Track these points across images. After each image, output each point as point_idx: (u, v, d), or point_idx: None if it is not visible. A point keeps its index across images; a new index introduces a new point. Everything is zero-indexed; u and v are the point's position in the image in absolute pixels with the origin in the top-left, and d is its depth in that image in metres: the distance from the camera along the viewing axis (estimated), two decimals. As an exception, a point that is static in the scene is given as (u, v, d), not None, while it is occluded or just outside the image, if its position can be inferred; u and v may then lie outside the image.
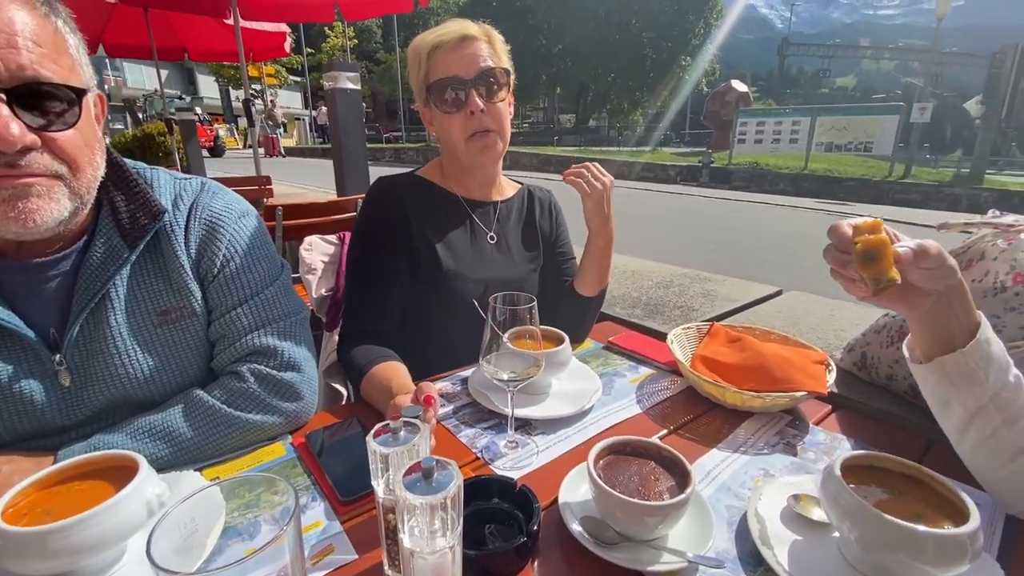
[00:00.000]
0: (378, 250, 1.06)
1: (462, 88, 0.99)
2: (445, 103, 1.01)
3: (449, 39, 0.99)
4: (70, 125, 0.63)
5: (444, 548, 0.46)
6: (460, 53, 0.99)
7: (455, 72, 0.99)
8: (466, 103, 1.00)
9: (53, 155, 0.62)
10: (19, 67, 0.58)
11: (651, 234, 6.43)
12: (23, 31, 0.58)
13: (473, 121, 1.01)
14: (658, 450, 0.66)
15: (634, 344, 1.17)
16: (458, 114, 1.01)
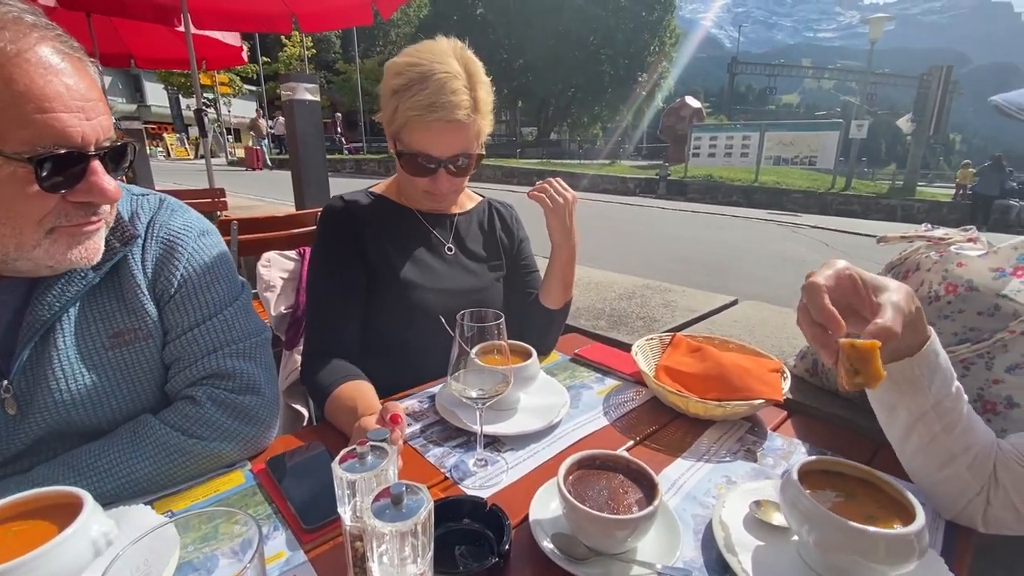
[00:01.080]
0: (336, 266, 1.04)
1: (431, 164, 0.99)
2: (412, 167, 1.01)
3: (433, 115, 0.93)
4: (124, 173, 0.70)
5: (418, 573, 0.45)
6: (440, 136, 0.96)
7: (427, 150, 0.97)
8: (433, 176, 1.00)
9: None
10: (105, 129, 0.65)
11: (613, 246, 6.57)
12: (97, 93, 0.64)
13: (433, 187, 1.02)
14: (626, 463, 0.67)
15: (600, 356, 1.18)
16: (423, 179, 1.02)
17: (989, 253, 0.78)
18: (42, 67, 0.58)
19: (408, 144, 0.98)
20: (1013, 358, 0.74)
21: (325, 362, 0.98)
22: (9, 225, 0.61)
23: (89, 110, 0.62)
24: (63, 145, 0.60)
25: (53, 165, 0.60)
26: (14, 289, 0.68)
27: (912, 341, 0.64)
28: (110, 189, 0.65)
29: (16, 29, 0.58)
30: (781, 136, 15.34)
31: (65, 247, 0.65)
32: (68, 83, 0.60)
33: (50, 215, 0.62)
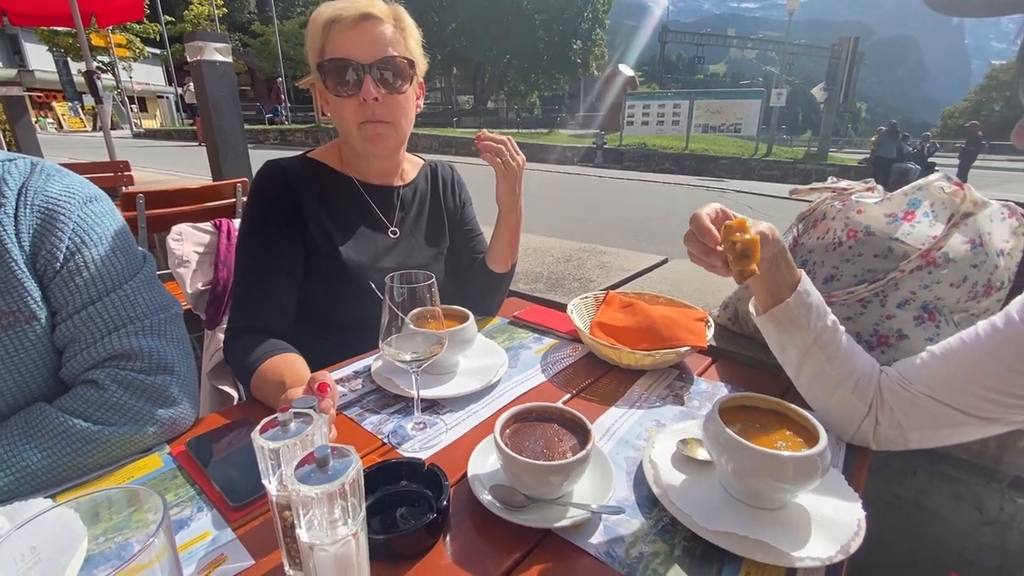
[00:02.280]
0: (268, 239, 0.97)
1: (358, 72, 0.92)
2: (338, 85, 0.93)
3: (350, 15, 0.90)
4: None
5: (346, 536, 0.44)
6: (360, 33, 0.91)
7: (351, 54, 0.91)
8: (360, 89, 0.93)
9: None
10: None
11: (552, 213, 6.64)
12: None
13: (366, 109, 0.95)
14: (560, 413, 0.69)
15: (537, 317, 1.20)
16: (351, 99, 0.94)
17: (884, 200, 0.85)
18: None
19: (330, 56, 0.92)
20: (903, 295, 0.82)
21: (251, 339, 0.92)
22: None
23: None
24: None
25: None
26: None
27: (788, 277, 0.72)
28: None
29: None
30: (709, 104, 15.92)
31: None
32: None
33: None
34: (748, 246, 0.64)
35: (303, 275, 1.01)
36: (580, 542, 0.58)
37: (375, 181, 1.10)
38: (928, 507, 0.97)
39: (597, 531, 0.60)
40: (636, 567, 0.55)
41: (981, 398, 0.64)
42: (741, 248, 0.64)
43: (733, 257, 0.64)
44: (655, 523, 0.61)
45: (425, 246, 1.15)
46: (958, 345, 0.67)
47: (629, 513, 0.62)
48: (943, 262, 0.79)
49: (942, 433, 0.69)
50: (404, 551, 0.56)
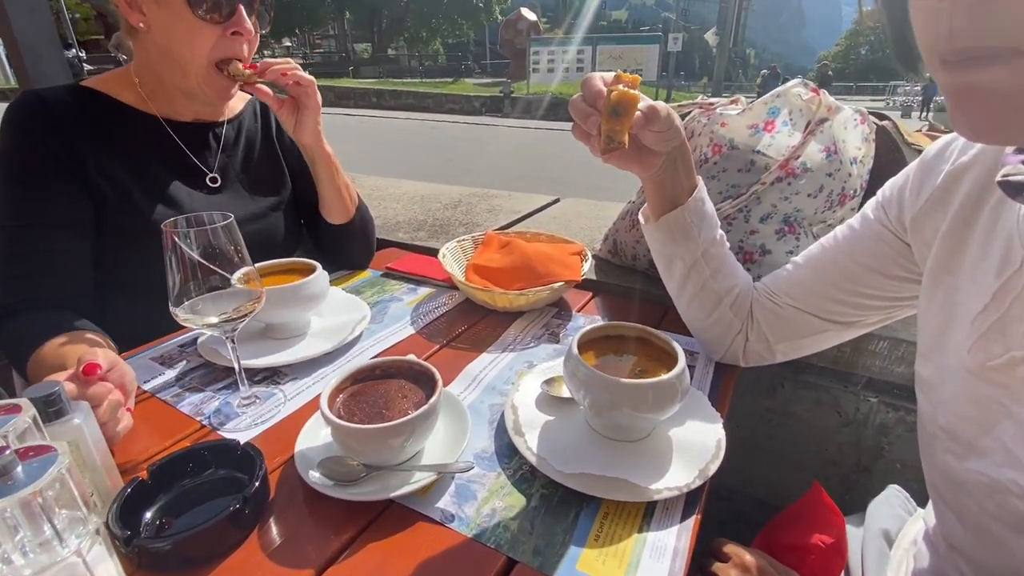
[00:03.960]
0: (34, 190, 0.76)
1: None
2: (201, 5, 0.74)
3: None
4: None
5: (66, 558, 0.33)
6: None
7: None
8: (230, 18, 0.76)
9: None
10: None
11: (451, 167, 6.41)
12: None
13: (229, 45, 0.78)
14: (409, 366, 0.59)
15: (413, 266, 1.09)
16: (213, 27, 0.76)
17: (745, 111, 0.82)
18: None
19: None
20: (765, 209, 0.80)
21: (28, 317, 0.73)
22: None
23: None
24: None
25: None
26: None
27: (685, 181, 0.65)
28: None
29: None
30: (611, 50, 15.98)
31: None
32: None
33: None
34: (622, 99, 0.53)
35: (94, 232, 0.81)
36: (424, 508, 0.50)
37: (187, 117, 0.90)
38: (794, 414, 1.02)
39: (447, 493, 0.52)
40: (486, 527, 0.48)
41: (840, 302, 0.63)
42: (615, 99, 0.53)
43: (604, 113, 0.54)
44: (512, 474, 0.55)
45: (255, 195, 0.98)
46: (818, 252, 0.66)
47: (485, 466, 0.56)
48: (801, 172, 0.78)
49: (806, 343, 0.69)
50: (201, 553, 0.45)
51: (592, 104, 0.56)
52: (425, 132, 8.09)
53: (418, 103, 14.44)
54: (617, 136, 0.54)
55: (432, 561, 0.46)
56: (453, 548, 0.47)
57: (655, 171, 0.64)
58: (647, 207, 0.71)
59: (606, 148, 0.56)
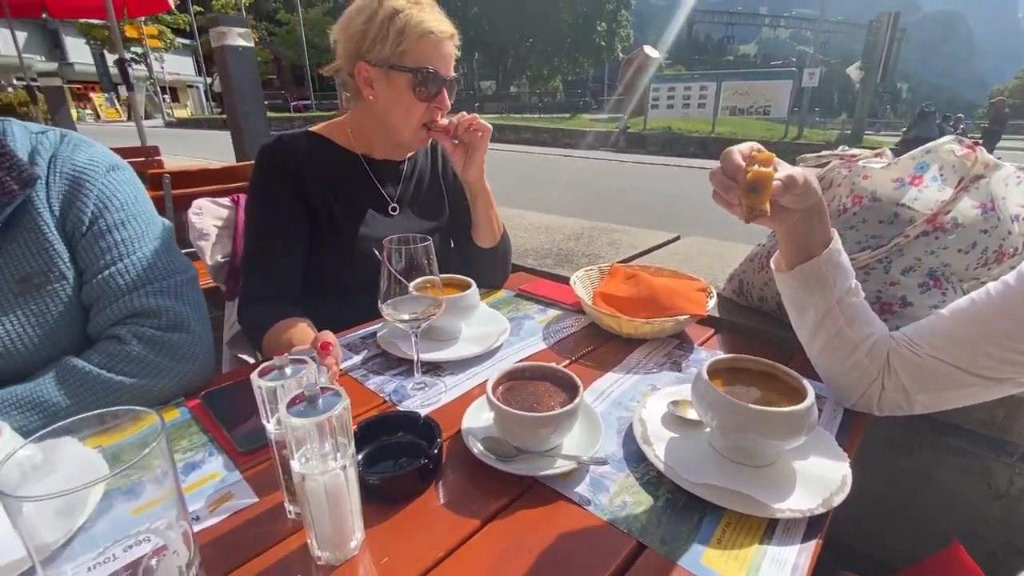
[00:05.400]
0: (274, 210, 1.01)
1: (442, 85, 1.00)
2: (421, 89, 0.99)
3: (443, 32, 0.98)
4: None
5: (335, 469, 0.47)
6: (446, 50, 1.00)
7: (438, 67, 0.98)
8: (436, 98, 1.01)
9: None
10: None
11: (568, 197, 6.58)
12: None
13: (434, 114, 1.03)
14: (552, 371, 0.70)
15: (542, 290, 1.21)
16: (426, 104, 1.01)
17: (891, 165, 0.83)
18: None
19: (417, 61, 0.97)
20: (908, 261, 0.80)
21: (262, 306, 0.97)
22: None
23: None
24: None
25: None
26: None
27: (820, 234, 0.69)
28: None
29: None
30: (737, 86, 15.44)
31: None
32: None
33: None
34: (758, 179, 0.59)
35: (308, 245, 1.05)
36: (565, 490, 0.60)
37: (380, 155, 1.13)
38: (935, 479, 0.95)
39: (583, 482, 0.62)
40: (618, 515, 0.57)
41: (990, 357, 0.63)
42: (751, 179, 0.59)
43: (742, 190, 0.60)
44: (640, 476, 0.63)
45: (422, 220, 1.18)
46: (967, 305, 0.66)
47: (616, 467, 0.64)
48: (951, 227, 0.78)
49: (948, 396, 0.69)
50: (397, 494, 0.59)
51: (732, 177, 0.62)
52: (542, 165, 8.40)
53: (535, 137, 15.14)
54: (758, 207, 0.61)
55: (572, 534, 0.55)
56: (589, 527, 0.56)
57: (789, 225, 0.69)
58: (779, 255, 0.75)
59: (749, 217, 0.62)
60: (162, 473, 0.38)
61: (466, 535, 0.54)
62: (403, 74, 0.97)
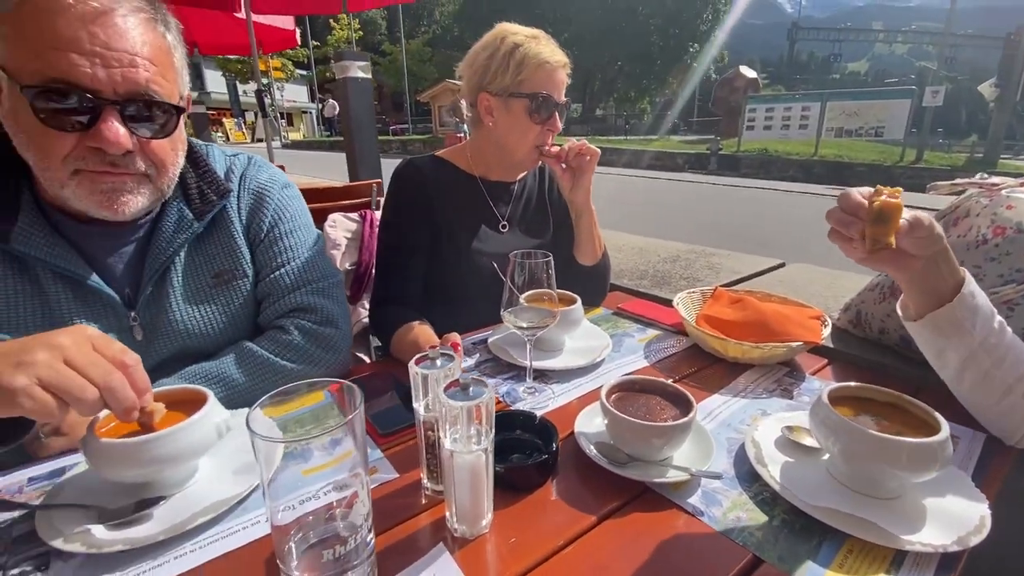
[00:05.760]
0: (404, 225, 1.14)
1: (554, 108, 1.11)
2: (535, 113, 1.09)
3: (557, 61, 1.09)
4: (167, 134, 0.73)
5: (479, 450, 0.54)
6: (559, 78, 1.10)
7: (552, 92, 1.09)
8: (549, 121, 1.11)
9: (146, 158, 0.72)
10: (135, 83, 0.67)
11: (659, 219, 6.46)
12: (143, 51, 0.67)
13: (546, 136, 1.13)
14: (663, 386, 0.73)
15: (641, 309, 1.24)
16: (539, 126, 1.11)
17: (1041, 194, 0.78)
18: (71, 13, 0.62)
19: (533, 88, 1.08)
20: (1061, 298, 0.74)
21: (391, 308, 1.09)
22: (36, 154, 0.67)
23: (111, 60, 0.64)
24: (66, 81, 0.62)
25: (53, 99, 0.63)
26: (136, 232, 0.81)
27: (949, 279, 0.67)
28: (112, 139, 0.65)
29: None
30: (844, 106, 14.36)
31: (87, 192, 0.69)
32: (96, 33, 0.63)
33: (72, 155, 0.66)
34: (887, 207, 0.58)
35: (430, 257, 1.16)
36: (677, 499, 0.62)
37: (494, 177, 1.23)
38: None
39: (695, 494, 0.64)
40: (734, 527, 0.58)
41: None
42: (878, 208, 0.58)
43: (869, 219, 0.59)
44: (754, 495, 0.63)
45: (528, 236, 1.26)
46: None
47: (728, 483, 0.65)
48: (1116, 263, 0.71)
49: None
50: (519, 483, 0.64)
51: (853, 214, 0.62)
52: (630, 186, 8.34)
53: (619, 159, 15.07)
54: (883, 239, 0.60)
55: (686, 541, 0.57)
56: (703, 536, 0.58)
57: (913, 273, 0.67)
58: (906, 301, 0.73)
59: (872, 250, 0.61)
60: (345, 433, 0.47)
61: (583, 529, 0.59)
62: (520, 100, 1.08)
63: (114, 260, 0.79)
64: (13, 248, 0.71)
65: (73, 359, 0.54)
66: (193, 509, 0.59)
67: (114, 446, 0.58)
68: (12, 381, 0.50)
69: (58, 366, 0.53)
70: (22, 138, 0.67)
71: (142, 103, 0.68)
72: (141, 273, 0.80)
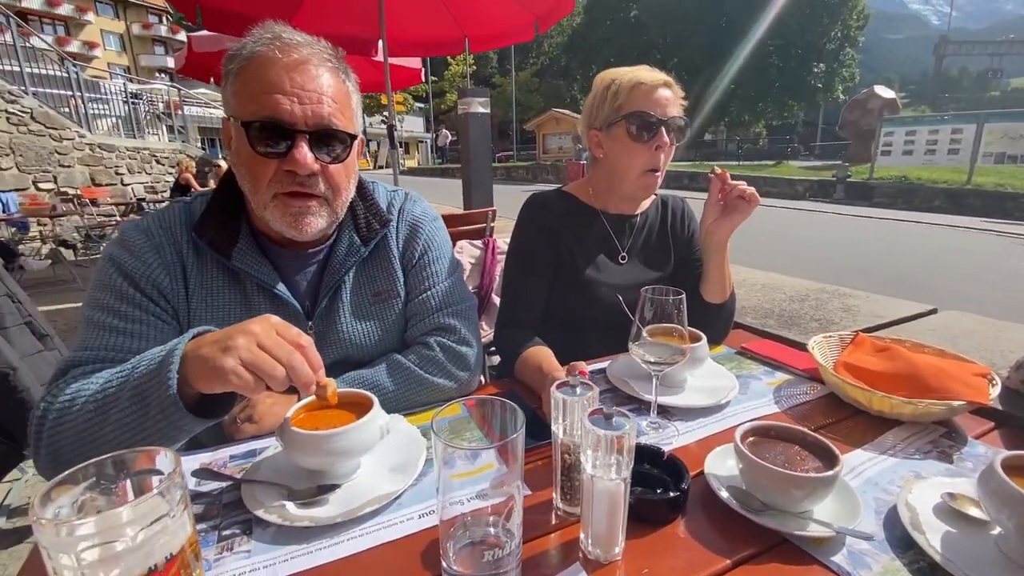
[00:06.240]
0: (529, 253, 1.22)
1: (655, 125, 1.12)
2: (636, 133, 1.14)
3: (654, 80, 1.13)
4: (341, 161, 0.87)
5: (619, 479, 0.57)
6: (660, 96, 1.13)
7: (651, 110, 1.12)
8: (653, 139, 1.13)
9: (326, 181, 0.86)
10: (320, 116, 0.82)
11: (778, 252, 6.02)
12: (328, 91, 0.83)
13: (654, 157, 1.14)
14: (803, 435, 0.71)
15: (769, 351, 1.19)
16: (643, 146, 1.14)
17: None
18: (279, 65, 0.79)
19: (631, 107, 1.13)
20: None
21: (515, 331, 1.16)
22: (250, 180, 0.83)
23: (304, 98, 0.80)
24: (272, 117, 0.79)
25: (263, 131, 0.79)
26: (317, 255, 0.96)
27: None
28: (302, 161, 0.80)
29: (280, 43, 0.81)
30: (1008, 128, 12.39)
31: (281, 214, 0.84)
32: (295, 77, 0.80)
33: (272, 181, 0.82)
34: None
35: (552, 285, 1.22)
36: (821, 556, 0.60)
37: (615, 210, 1.27)
38: None
39: (840, 553, 0.61)
40: (885, 595, 0.55)
41: None
42: None
43: None
44: (909, 562, 0.59)
45: (648, 269, 1.28)
46: None
47: (877, 546, 0.62)
48: None
49: None
50: (648, 516, 0.66)
51: None
52: (738, 215, 7.89)
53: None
54: None
55: (830, 600, 0.55)
56: (850, 599, 0.55)
57: None
58: None
59: None
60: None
61: (718, 572, 0.59)
62: (620, 124, 1.14)
63: (299, 278, 0.95)
64: (232, 264, 0.88)
65: (263, 343, 0.66)
66: (362, 499, 0.68)
67: (302, 435, 0.69)
68: (224, 363, 0.63)
69: (254, 349, 0.65)
70: (242, 171, 0.85)
71: (325, 133, 0.83)
72: (319, 289, 0.95)
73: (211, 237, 0.87)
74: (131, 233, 0.86)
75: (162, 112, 12.57)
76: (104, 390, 0.70)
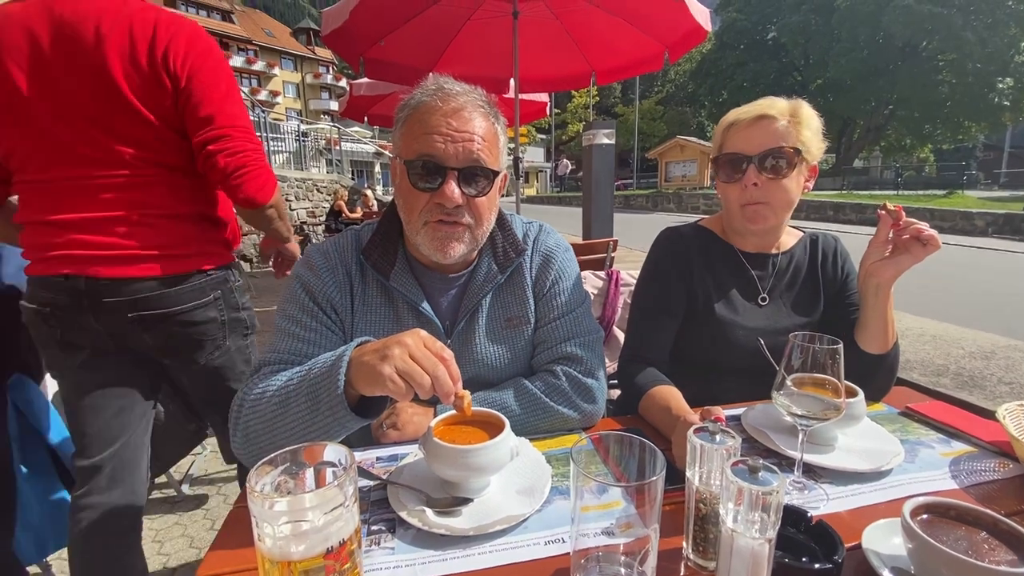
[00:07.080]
0: (662, 288, 1.20)
1: (742, 163, 1.09)
2: (726, 174, 1.13)
3: (747, 117, 1.10)
4: (485, 194, 0.95)
5: (763, 540, 0.53)
6: (752, 131, 1.09)
7: (740, 148, 1.10)
8: (742, 177, 1.09)
9: (470, 211, 0.95)
10: (469, 153, 0.91)
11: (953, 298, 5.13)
12: (478, 132, 0.92)
13: (745, 193, 1.10)
14: (994, 521, 0.60)
15: (943, 415, 1.02)
16: (735, 184, 1.11)
17: None
18: (439, 112, 0.90)
19: (726, 148, 1.12)
20: None
21: (639, 367, 1.14)
22: (406, 210, 0.94)
23: (456, 139, 0.89)
24: (428, 155, 0.89)
25: (421, 168, 0.90)
26: (459, 279, 1.04)
27: None
28: (450, 195, 0.89)
29: (442, 92, 0.92)
30: None
31: (429, 239, 0.93)
32: (451, 122, 0.90)
33: (424, 209, 0.92)
34: None
35: (683, 322, 1.18)
36: (1023, 674, 0.50)
37: (752, 248, 1.20)
38: None
39: (1050, 674, 0.50)
40: None
41: None
42: None
43: None
44: None
45: (793, 313, 1.18)
46: None
47: None
48: None
49: None
50: (792, 585, 0.60)
51: None
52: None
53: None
54: None
55: None
56: None
57: None
58: None
59: None
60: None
61: (880, 663, 0.52)
62: (716, 164, 1.15)
63: (442, 299, 1.04)
64: (389, 284, 1.00)
65: (414, 353, 0.73)
66: (492, 516, 0.72)
67: (444, 448, 0.75)
68: (382, 369, 0.71)
69: (406, 358, 0.72)
70: (400, 201, 0.97)
71: (472, 169, 0.92)
72: (458, 311, 1.03)
73: (375, 259, 1.00)
74: (314, 255, 1.02)
75: (323, 147, 14.60)
76: (287, 386, 0.83)
